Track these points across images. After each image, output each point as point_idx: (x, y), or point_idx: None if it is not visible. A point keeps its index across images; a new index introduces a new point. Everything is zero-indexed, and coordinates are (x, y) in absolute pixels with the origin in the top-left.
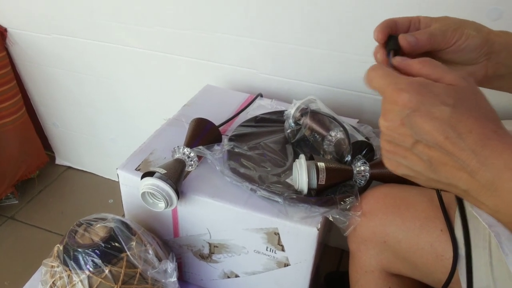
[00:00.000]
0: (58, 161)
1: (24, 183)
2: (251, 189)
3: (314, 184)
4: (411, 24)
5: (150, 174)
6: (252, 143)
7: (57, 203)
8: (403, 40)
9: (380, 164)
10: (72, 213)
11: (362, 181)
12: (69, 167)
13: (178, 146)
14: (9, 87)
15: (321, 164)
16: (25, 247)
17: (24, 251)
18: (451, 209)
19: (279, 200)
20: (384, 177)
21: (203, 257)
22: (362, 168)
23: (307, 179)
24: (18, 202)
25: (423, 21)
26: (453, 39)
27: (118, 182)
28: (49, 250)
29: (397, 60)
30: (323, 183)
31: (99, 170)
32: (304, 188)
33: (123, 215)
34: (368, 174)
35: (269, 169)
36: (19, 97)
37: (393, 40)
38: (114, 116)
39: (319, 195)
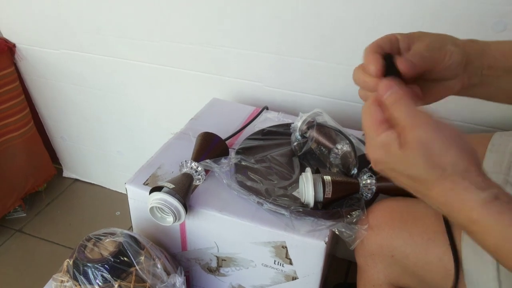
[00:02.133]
0: (66, 173)
1: (32, 196)
2: (258, 202)
3: (321, 197)
4: (391, 44)
5: (158, 188)
6: (259, 156)
7: (65, 216)
8: (402, 64)
9: (386, 177)
10: (80, 225)
11: (369, 195)
12: (77, 180)
13: (185, 161)
14: (18, 101)
15: (328, 178)
16: (33, 260)
17: (32, 264)
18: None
19: (286, 213)
20: (390, 191)
21: (211, 270)
22: (369, 181)
23: (313, 192)
24: (26, 215)
25: (401, 40)
26: (440, 59)
27: (125, 194)
28: (57, 263)
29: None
30: (329, 196)
31: (106, 183)
32: (311, 201)
33: (130, 228)
34: (374, 188)
35: (275, 182)
36: (27, 111)
37: (388, 62)
38: (121, 129)
39: (326, 208)
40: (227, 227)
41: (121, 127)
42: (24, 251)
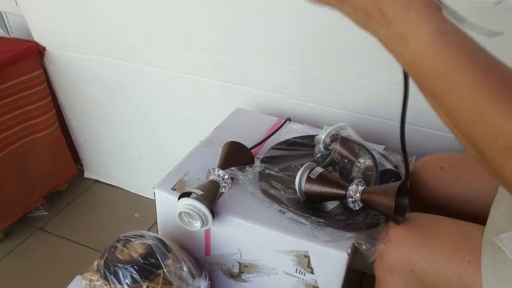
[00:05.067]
0: (87, 174)
1: (53, 195)
2: (280, 211)
3: (303, 186)
4: None
5: (187, 194)
6: (283, 165)
7: (85, 216)
8: None
9: (377, 192)
10: (99, 226)
11: (354, 204)
12: (97, 181)
13: (213, 168)
14: (44, 103)
15: (317, 169)
16: (54, 257)
17: (53, 262)
18: (477, 240)
19: (306, 223)
20: (375, 204)
21: (232, 276)
22: (354, 186)
23: (299, 179)
24: (47, 214)
25: None
26: None
27: (144, 197)
28: (77, 261)
29: None
30: (310, 188)
31: (126, 185)
32: (297, 188)
33: (149, 230)
34: (359, 195)
35: None
36: (53, 112)
37: None
38: (143, 134)
39: (310, 202)
40: (251, 234)
41: (144, 131)
42: (45, 249)
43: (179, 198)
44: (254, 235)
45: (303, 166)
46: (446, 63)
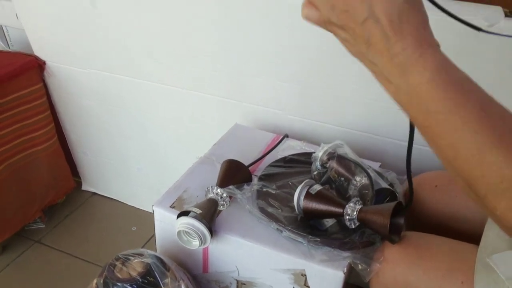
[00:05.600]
0: (84, 187)
1: (51, 208)
2: (277, 229)
3: (301, 202)
4: None
5: (186, 213)
6: (280, 182)
7: (82, 229)
8: None
9: (373, 211)
10: (97, 239)
11: (351, 222)
12: (94, 193)
13: (211, 186)
14: (44, 116)
15: (315, 187)
16: (51, 271)
17: (50, 275)
18: (471, 260)
19: (303, 241)
20: (371, 223)
21: None
22: (352, 204)
23: (298, 196)
24: (45, 226)
25: None
26: None
27: (141, 210)
28: (74, 275)
29: None
30: (309, 205)
31: (124, 198)
32: (295, 204)
33: (145, 244)
34: (356, 214)
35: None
36: (52, 125)
37: None
38: (142, 148)
39: (308, 217)
40: (248, 252)
41: (142, 145)
42: (42, 262)
43: (178, 217)
44: (251, 253)
45: (303, 183)
46: (446, 101)
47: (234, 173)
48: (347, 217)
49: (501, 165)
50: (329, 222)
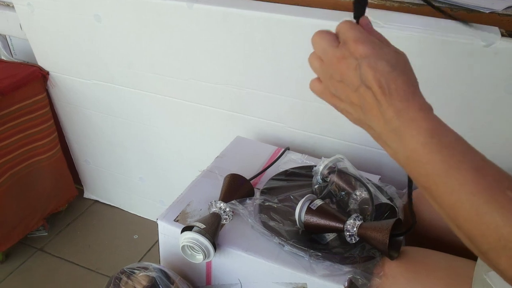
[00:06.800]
0: (86, 194)
1: (53, 216)
2: (279, 243)
3: (302, 216)
4: None
5: (189, 228)
6: (282, 196)
7: (84, 236)
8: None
9: (373, 228)
10: (99, 247)
11: (351, 238)
12: (96, 201)
13: (214, 201)
14: (47, 125)
15: (317, 202)
16: (53, 279)
17: (52, 283)
18: (468, 277)
19: (305, 256)
20: (370, 239)
21: None
22: (352, 221)
23: (299, 211)
24: (47, 234)
25: None
26: None
27: (143, 218)
28: (76, 282)
29: (366, 21)
30: (309, 220)
31: (125, 206)
32: (297, 218)
33: (147, 254)
34: (356, 230)
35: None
36: (55, 135)
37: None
38: (144, 158)
39: (308, 230)
40: (251, 266)
41: (144, 155)
42: (45, 270)
43: (182, 231)
44: (254, 267)
45: (304, 198)
46: (441, 164)
47: (237, 188)
48: (347, 233)
49: (498, 225)
50: (330, 236)
